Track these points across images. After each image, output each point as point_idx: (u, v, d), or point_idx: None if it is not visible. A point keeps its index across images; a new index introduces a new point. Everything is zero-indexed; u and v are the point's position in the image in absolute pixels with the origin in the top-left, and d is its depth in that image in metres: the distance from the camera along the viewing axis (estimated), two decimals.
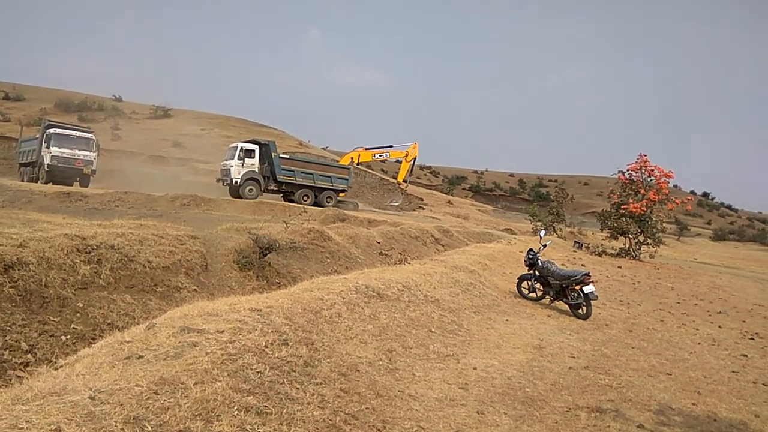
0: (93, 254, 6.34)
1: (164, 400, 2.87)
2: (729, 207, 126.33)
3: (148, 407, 2.77)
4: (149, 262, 6.98)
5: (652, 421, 4.94)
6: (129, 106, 71.79)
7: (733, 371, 7.24)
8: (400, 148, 35.16)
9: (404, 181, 36.47)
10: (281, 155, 29.02)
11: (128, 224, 8.25)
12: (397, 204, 37.82)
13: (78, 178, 26.45)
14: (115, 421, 2.58)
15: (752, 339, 9.75)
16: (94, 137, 27.66)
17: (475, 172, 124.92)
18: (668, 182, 21.18)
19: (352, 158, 34.29)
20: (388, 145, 35.05)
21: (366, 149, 34.64)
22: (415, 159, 35.47)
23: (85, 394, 2.73)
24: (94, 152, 26.93)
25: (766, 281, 23.41)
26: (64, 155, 25.65)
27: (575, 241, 23.39)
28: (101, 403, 2.68)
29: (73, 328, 5.39)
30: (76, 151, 26.10)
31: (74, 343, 5.14)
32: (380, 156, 35.66)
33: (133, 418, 2.65)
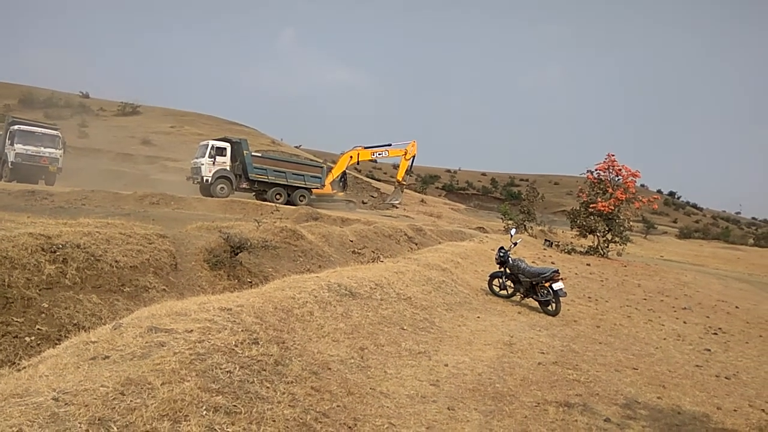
0: (58, 254, 6.20)
1: (130, 401, 2.83)
2: (694, 206, 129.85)
3: (114, 408, 2.74)
4: (116, 261, 6.85)
5: (618, 415, 5.05)
6: (96, 102, 70.33)
7: (697, 365, 7.45)
8: (399, 147, 35.11)
9: (404, 179, 36.56)
10: (253, 153, 28.78)
11: (95, 223, 8.08)
12: (397, 202, 37.84)
13: (43, 176, 25.77)
14: (79, 423, 2.54)
15: (715, 334, 10.03)
16: (60, 134, 26.97)
17: (448, 171, 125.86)
18: (635, 181, 21.57)
19: (351, 157, 34.19)
20: (387, 143, 34.97)
21: (365, 148, 34.52)
22: (414, 157, 35.51)
23: (49, 396, 2.68)
24: (60, 150, 26.29)
25: (730, 278, 24.13)
26: (29, 152, 25.00)
27: (546, 240, 23.72)
28: (65, 404, 2.64)
29: (38, 329, 5.27)
30: (42, 149, 25.45)
31: (39, 345, 5.03)
32: (379, 154, 35.60)
33: (98, 420, 2.60)
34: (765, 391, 6.59)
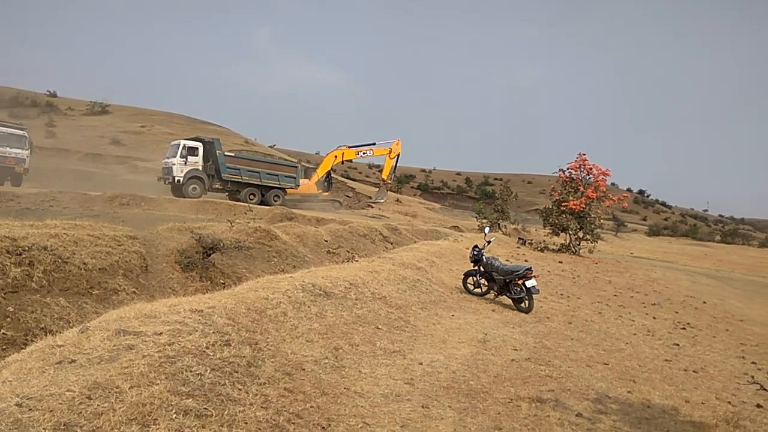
0: (24, 256, 6.05)
1: (98, 405, 2.77)
2: (663, 204, 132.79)
3: (81, 413, 2.68)
4: (85, 263, 6.71)
5: (590, 410, 5.13)
6: (64, 101, 68.81)
7: (666, 360, 7.61)
8: (384, 146, 35.24)
9: (389, 177, 36.62)
10: (226, 153, 28.49)
11: (62, 225, 7.88)
12: (382, 201, 37.88)
13: (9, 177, 25.07)
14: (44, 428, 2.48)
15: (684, 329, 10.28)
16: (26, 134, 26.28)
17: (423, 170, 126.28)
18: (605, 180, 21.97)
19: (336, 156, 34.09)
20: (371, 142, 35.10)
21: (349, 147, 34.55)
22: (398, 156, 35.61)
23: (12, 401, 2.61)
24: (26, 150, 25.60)
25: (698, 274, 24.73)
26: None
27: (519, 238, 23.99)
28: (29, 409, 2.57)
29: (3, 333, 5.14)
30: (7, 149, 24.76)
31: (4, 349, 4.89)
32: (364, 154, 35.63)
33: (64, 425, 2.55)
34: (731, 383, 6.77)
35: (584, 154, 22.02)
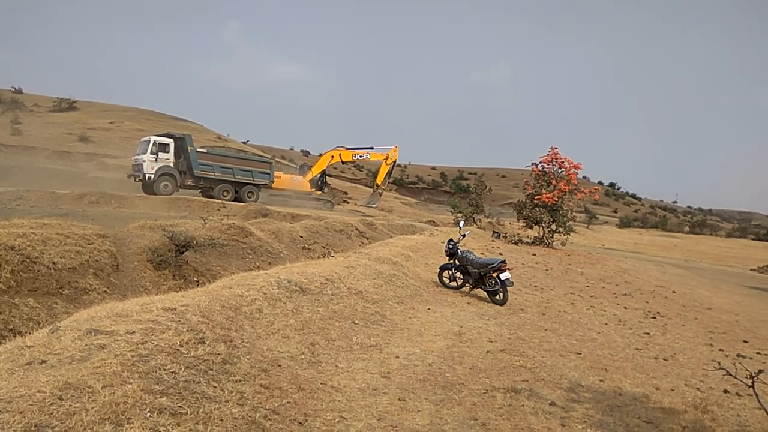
0: None
1: (69, 406, 2.73)
2: (633, 196, 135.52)
3: (52, 413, 2.63)
4: (54, 263, 6.58)
5: (563, 399, 5.22)
6: (30, 98, 67.00)
7: (637, 348, 7.79)
8: (381, 151, 35.31)
9: (383, 183, 36.64)
10: (198, 149, 28.10)
11: (30, 224, 7.69)
12: (374, 206, 37.88)
13: None
14: (14, 430, 2.44)
15: (654, 318, 10.52)
16: None
17: (399, 165, 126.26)
18: (577, 173, 22.26)
19: (332, 156, 33.99)
20: (369, 146, 35.13)
21: (346, 149, 34.55)
22: (395, 162, 35.66)
23: None
24: None
25: (667, 264, 25.33)
26: None
27: (494, 231, 24.22)
28: None
29: None
30: None
31: None
32: (361, 156, 35.68)
33: (35, 426, 2.51)
34: (700, 370, 6.96)
35: (556, 148, 22.29)
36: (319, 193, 33.92)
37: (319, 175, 33.73)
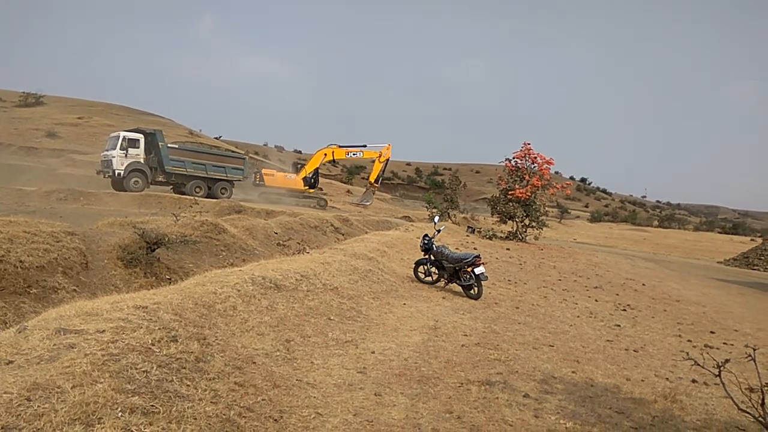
0: None
1: (38, 406, 2.66)
2: (604, 191, 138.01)
3: (20, 415, 2.57)
4: (21, 261, 6.41)
5: (536, 390, 5.29)
6: None
7: (608, 340, 7.93)
8: (374, 149, 35.11)
9: (376, 181, 36.41)
10: (169, 145, 27.64)
11: None
12: (368, 204, 37.68)
13: None
14: None
15: (624, 310, 10.72)
16: None
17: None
18: (549, 169, 22.54)
19: (325, 154, 33.72)
20: (362, 144, 34.96)
21: (339, 147, 34.28)
22: (388, 160, 35.49)
23: None
24: None
25: (637, 257, 25.86)
26: None
27: (468, 226, 24.42)
28: None
29: None
30: None
31: None
32: (354, 155, 35.44)
33: (2, 428, 2.44)
34: (669, 360, 7.12)
35: (529, 144, 22.53)
36: (312, 191, 33.76)
37: (311, 174, 33.55)
